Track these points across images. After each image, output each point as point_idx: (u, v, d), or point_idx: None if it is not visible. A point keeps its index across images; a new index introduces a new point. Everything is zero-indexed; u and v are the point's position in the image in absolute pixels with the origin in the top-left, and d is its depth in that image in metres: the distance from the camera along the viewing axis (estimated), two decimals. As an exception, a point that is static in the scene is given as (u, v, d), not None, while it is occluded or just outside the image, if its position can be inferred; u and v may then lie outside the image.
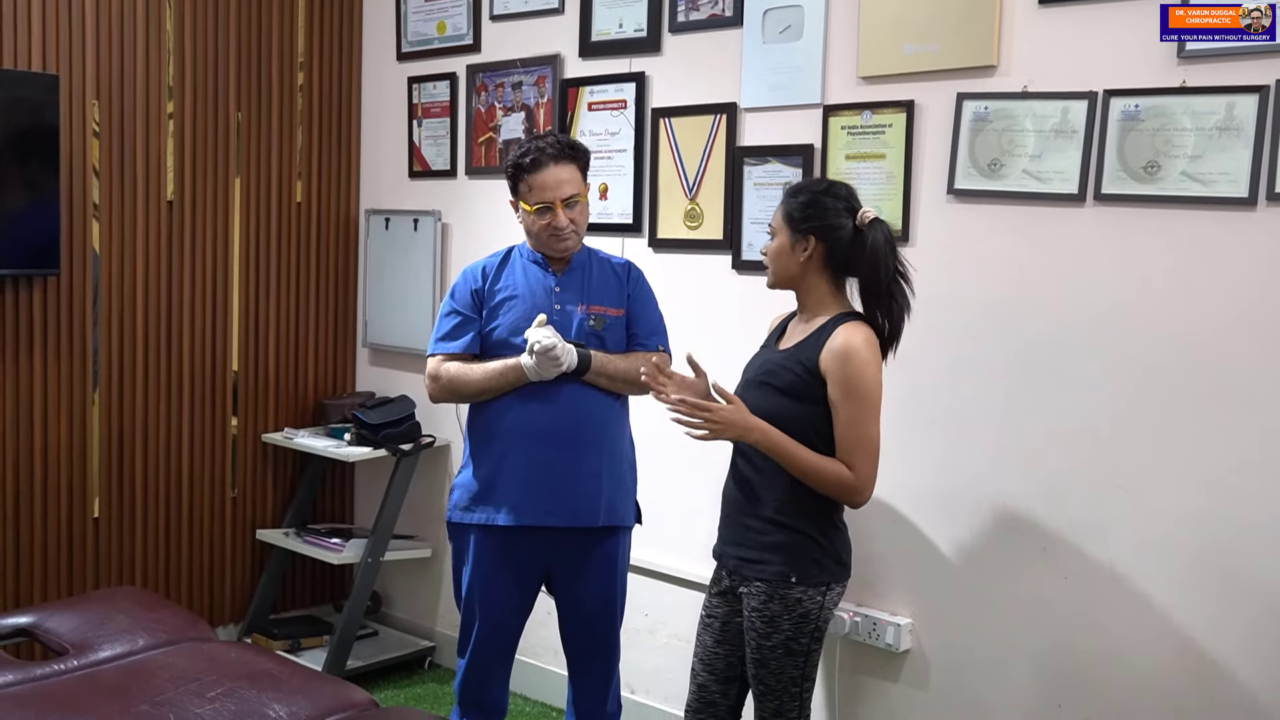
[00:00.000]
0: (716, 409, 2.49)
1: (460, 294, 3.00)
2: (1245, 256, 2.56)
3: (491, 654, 3.04)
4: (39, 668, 2.56)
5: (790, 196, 2.61)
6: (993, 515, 2.95)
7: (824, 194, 2.57)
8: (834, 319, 2.54)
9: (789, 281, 2.62)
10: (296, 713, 2.37)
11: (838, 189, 2.60)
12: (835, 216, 2.54)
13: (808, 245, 2.55)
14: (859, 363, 2.46)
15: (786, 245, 2.58)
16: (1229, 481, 2.60)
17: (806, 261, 2.56)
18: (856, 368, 2.46)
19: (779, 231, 2.60)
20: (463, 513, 2.98)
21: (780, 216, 2.60)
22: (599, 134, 3.70)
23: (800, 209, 2.57)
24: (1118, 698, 2.77)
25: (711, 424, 2.47)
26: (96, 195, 3.83)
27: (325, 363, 4.51)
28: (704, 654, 2.71)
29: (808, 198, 2.58)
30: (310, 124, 4.38)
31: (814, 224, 2.54)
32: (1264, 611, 2.57)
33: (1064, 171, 2.78)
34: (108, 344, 3.90)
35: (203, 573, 4.22)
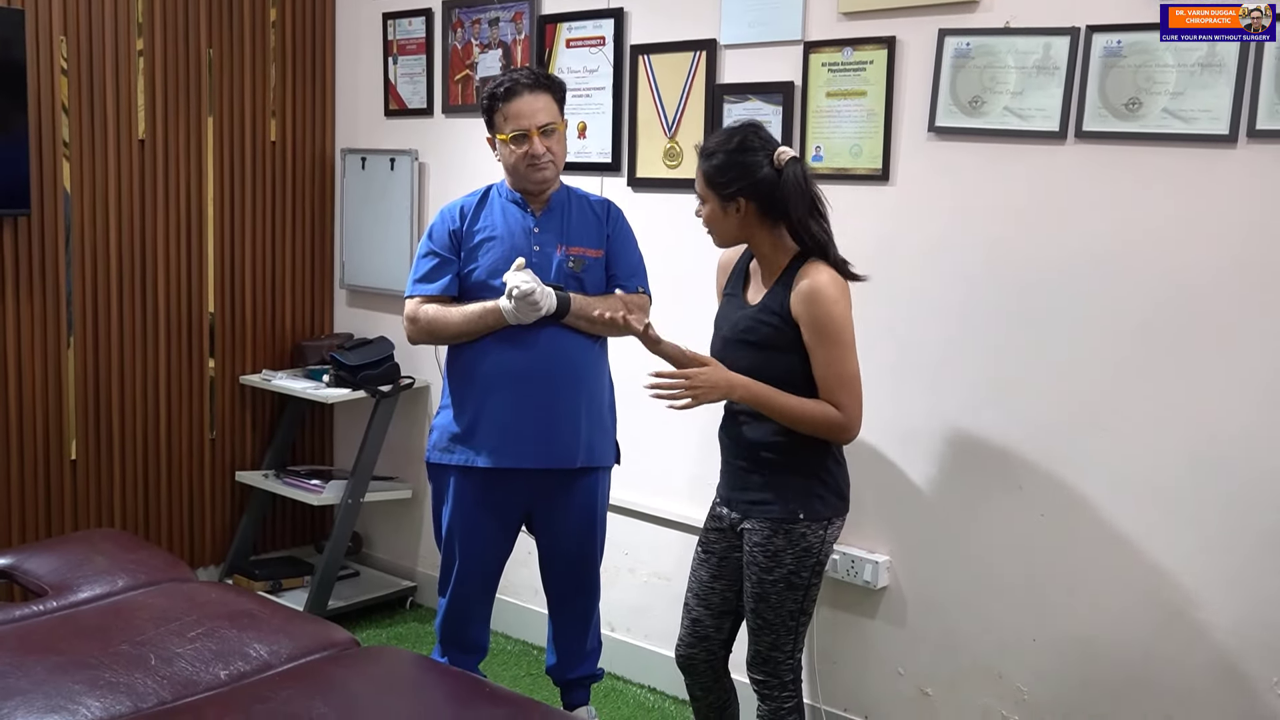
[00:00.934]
0: (694, 374, 2.47)
1: (438, 235, 2.98)
2: (1226, 194, 2.56)
3: (472, 594, 3.06)
4: (18, 609, 2.56)
5: (705, 160, 2.53)
6: (971, 454, 2.96)
7: (738, 151, 2.50)
8: (793, 262, 2.52)
9: (735, 241, 2.60)
10: (278, 651, 2.38)
11: (750, 140, 2.51)
12: (755, 170, 2.48)
13: (739, 206, 2.51)
14: (826, 302, 2.45)
15: (718, 211, 2.54)
16: (1210, 421, 2.62)
17: (743, 220, 2.53)
18: (824, 308, 2.45)
19: (706, 199, 2.54)
20: (442, 453, 2.98)
21: (702, 183, 2.54)
22: (577, 71, 3.66)
23: (719, 173, 2.50)
24: (1090, 631, 2.81)
25: (692, 390, 2.46)
26: (66, 134, 3.77)
27: (302, 304, 4.47)
28: (699, 588, 2.73)
29: (723, 159, 2.50)
30: (284, 61, 4.31)
31: (737, 185, 2.49)
32: (1236, 549, 2.60)
33: (1045, 109, 2.76)
34: (81, 285, 3.86)
35: (182, 515, 4.22)
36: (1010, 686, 2.94)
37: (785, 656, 2.60)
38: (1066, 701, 2.85)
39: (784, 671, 2.61)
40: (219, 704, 2.14)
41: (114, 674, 2.23)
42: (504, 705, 2.20)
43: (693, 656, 2.74)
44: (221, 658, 2.33)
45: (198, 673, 2.27)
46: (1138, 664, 2.74)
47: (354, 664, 2.37)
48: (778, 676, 2.61)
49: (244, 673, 2.30)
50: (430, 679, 2.40)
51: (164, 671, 2.26)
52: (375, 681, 2.31)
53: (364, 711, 2.12)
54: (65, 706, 2.11)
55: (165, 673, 2.26)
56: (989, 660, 2.97)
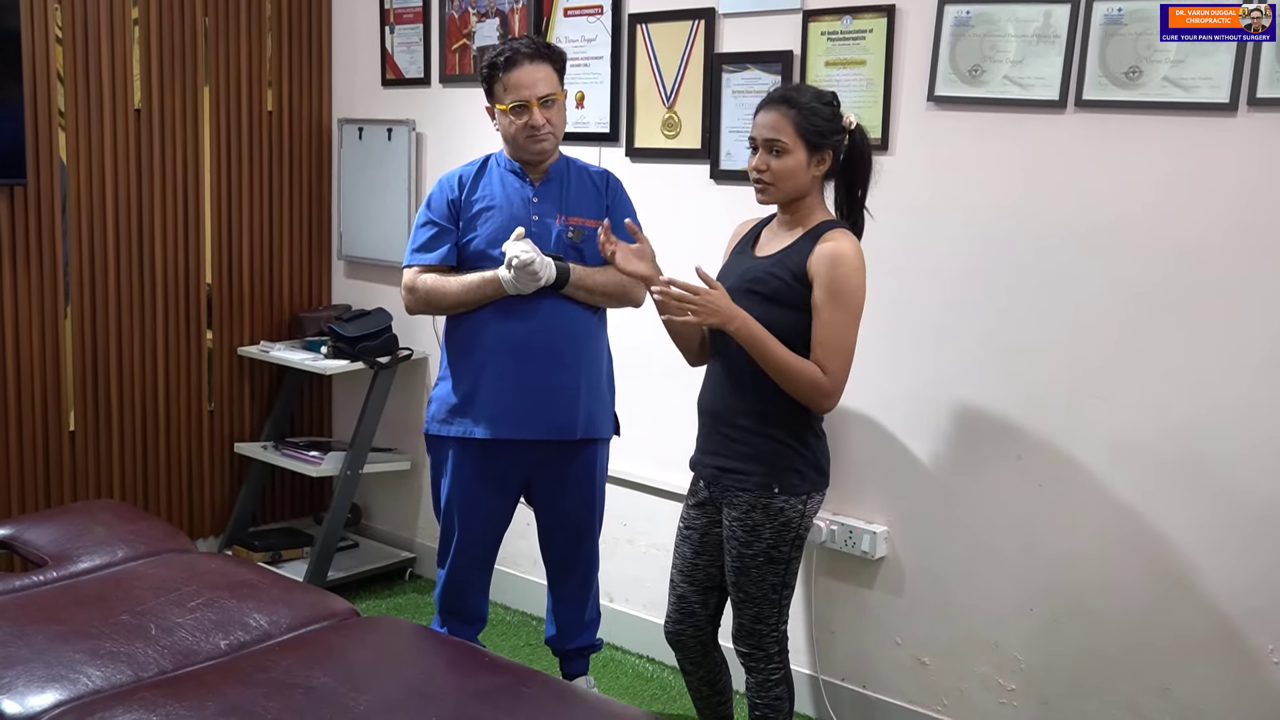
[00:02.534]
0: (704, 292, 2.42)
1: (436, 204, 2.96)
2: (1226, 162, 2.55)
3: (471, 564, 3.06)
4: (18, 579, 2.57)
5: (795, 109, 2.46)
6: (970, 424, 2.97)
7: (829, 105, 2.50)
8: (820, 225, 2.51)
9: (796, 197, 2.52)
10: (277, 621, 2.38)
11: (826, 96, 2.53)
12: (838, 125, 2.50)
13: (824, 160, 2.50)
14: (848, 268, 2.44)
15: (803, 162, 2.47)
16: (1208, 390, 2.62)
17: (814, 176, 2.51)
18: (845, 272, 2.43)
19: (794, 149, 2.46)
20: (440, 425, 2.98)
21: (792, 133, 2.46)
22: (575, 40, 3.63)
23: (816, 122, 2.46)
24: (1087, 600, 2.82)
25: (697, 306, 2.41)
26: (62, 103, 3.75)
27: (300, 275, 4.46)
28: (683, 565, 2.73)
29: (820, 109, 2.47)
30: (280, 30, 4.28)
31: (830, 139, 2.48)
32: (1234, 516, 2.61)
33: (1045, 77, 2.74)
34: (78, 256, 3.85)
35: (181, 486, 4.22)
36: (1007, 656, 2.95)
37: (769, 629, 2.61)
38: (1063, 671, 2.87)
39: (769, 644, 2.61)
40: (219, 673, 2.14)
41: (114, 643, 2.23)
42: (503, 674, 2.21)
43: (681, 632, 2.75)
44: (222, 627, 2.34)
45: (198, 642, 2.28)
46: (1135, 633, 2.76)
47: (354, 633, 2.38)
48: (763, 649, 2.61)
49: (244, 642, 2.30)
50: (430, 648, 2.40)
51: (164, 641, 2.27)
52: (375, 650, 2.32)
53: (364, 680, 2.13)
54: (66, 676, 2.12)
55: (166, 642, 2.26)
56: (986, 630, 2.98)
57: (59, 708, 2.03)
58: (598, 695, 2.28)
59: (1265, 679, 2.60)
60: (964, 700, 3.03)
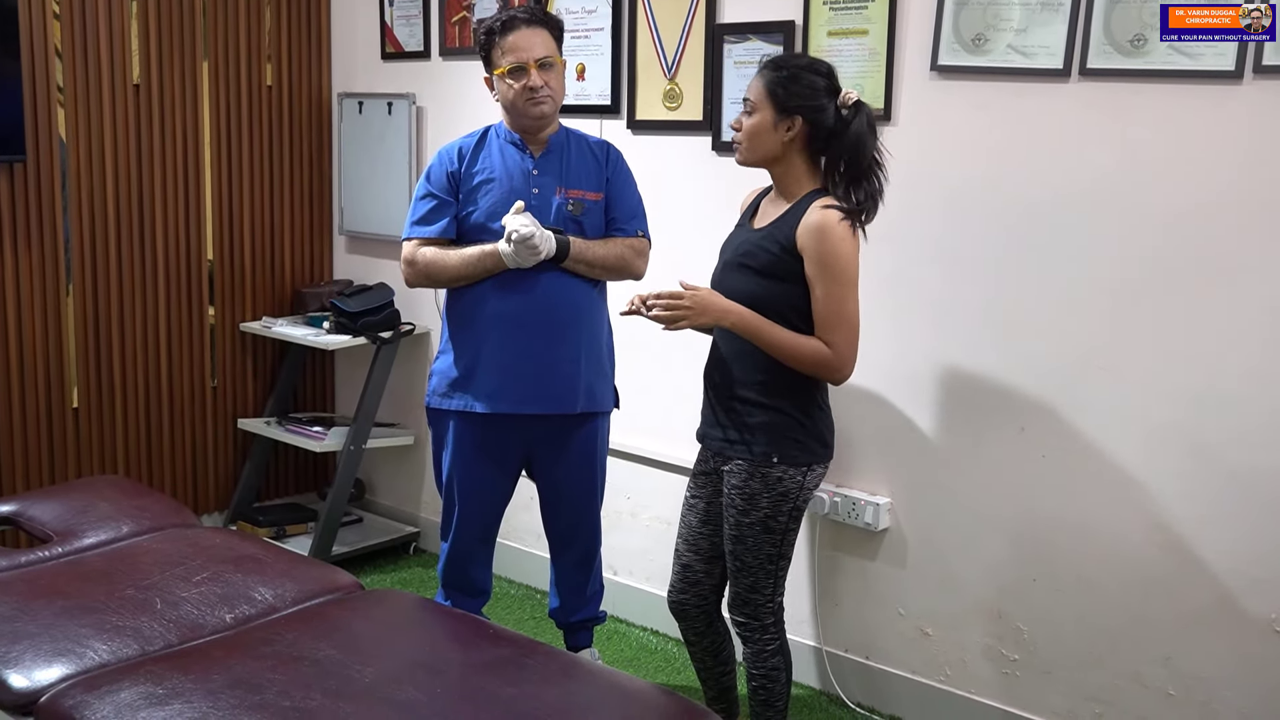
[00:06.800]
0: (689, 296, 2.46)
1: (436, 176, 2.95)
2: (1232, 131, 2.53)
3: (473, 538, 3.07)
4: (23, 554, 2.58)
5: (772, 70, 2.50)
6: (973, 396, 2.96)
7: (808, 70, 2.50)
8: (808, 195, 2.50)
9: (765, 161, 2.54)
10: (282, 595, 2.39)
11: (819, 66, 2.52)
12: (822, 96, 2.48)
13: (792, 125, 2.48)
14: (835, 239, 2.43)
15: (769, 123, 2.49)
16: (1211, 360, 2.61)
17: (788, 142, 2.50)
18: (833, 244, 2.43)
19: (760, 108, 2.50)
20: (441, 399, 2.98)
21: (762, 91, 2.49)
22: (575, 12, 3.61)
23: (785, 85, 2.47)
24: (1090, 571, 2.82)
25: (686, 311, 2.45)
26: (60, 79, 3.73)
27: (301, 250, 4.45)
28: (688, 534, 2.74)
29: (792, 72, 2.48)
30: (279, 3, 4.26)
31: (801, 103, 2.47)
32: (1237, 488, 2.61)
33: (1049, 46, 2.72)
34: (79, 232, 3.84)
35: (185, 463, 4.23)
36: (1010, 626, 2.96)
37: (765, 600, 2.61)
38: (1066, 641, 2.87)
39: (764, 614, 2.62)
40: (225, 646, 2.16)
41: (120, 618, 2.24)
42: (507, 646, 2.22)
43: (684, 602, 2.76)
44: (227, 601, 2.35)
45: (203, 616, 2.29)
46: (1137, 604, 2.76)
47: (358, 606, 2.39)
48: (758, 619, 2.62)
49: (249, 616, 2.31)
50: (434, 620, 2.42)
51: (170, 615, 2.28)
52: (379, 623, 2.33)
53: (369, 652, 2.14)
54: (73, 650, 2.13)
55: (171, 616, 2.27)
56: (989, 600, 2.99)
57: (65, 681, 2.05)
58: (602, 667, 2.29)
59: (1268, 650, 2.60)
60: (967, 670, 3.04)
